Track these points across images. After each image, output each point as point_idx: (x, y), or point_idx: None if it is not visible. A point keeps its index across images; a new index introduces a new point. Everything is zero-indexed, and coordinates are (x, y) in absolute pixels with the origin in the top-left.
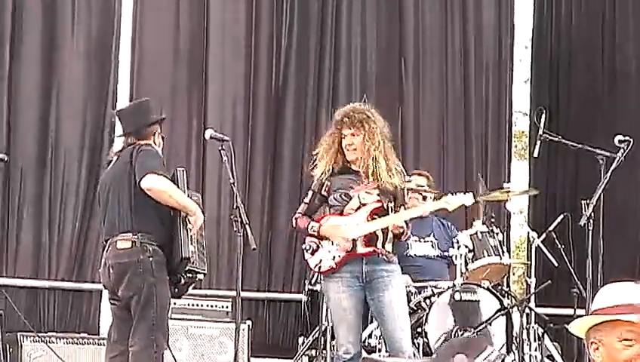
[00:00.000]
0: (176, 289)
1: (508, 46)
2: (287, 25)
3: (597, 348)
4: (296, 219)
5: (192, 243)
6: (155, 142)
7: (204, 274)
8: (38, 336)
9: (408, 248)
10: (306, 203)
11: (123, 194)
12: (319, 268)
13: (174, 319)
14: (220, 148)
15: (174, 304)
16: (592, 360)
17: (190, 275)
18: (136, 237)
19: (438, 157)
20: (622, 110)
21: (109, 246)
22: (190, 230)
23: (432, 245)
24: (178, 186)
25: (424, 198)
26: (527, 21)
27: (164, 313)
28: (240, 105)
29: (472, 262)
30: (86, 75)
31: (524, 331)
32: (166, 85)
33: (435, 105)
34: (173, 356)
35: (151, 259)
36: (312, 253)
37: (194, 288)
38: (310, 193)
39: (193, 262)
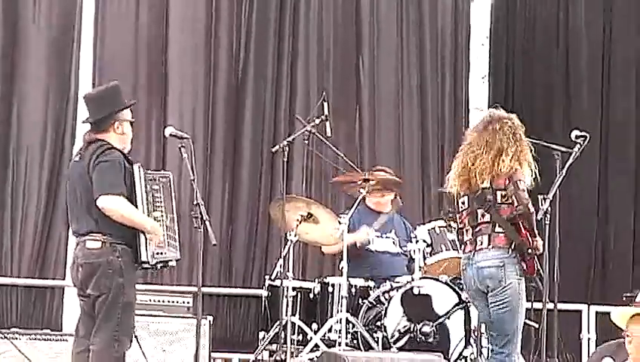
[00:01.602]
0: (152, 272)
1: (464, 43)
2: (246, 25)
3: (630, 341)
4: None
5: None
6: (115, 131)
7: (178, 260)
8: (1, 333)
9: (370, 243)
10: None
11: (88, 197)
12: None
13: (136, 314)
14: (179, 145)
15: (137, 300)
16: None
17: (162, 265)
18: (105, 237)
19: (395, 154)
20: (577, 106)
21: (77, 245)
22: (149, 241)
23: (394, 242)
24: (135, 183)
25: (383, 195)
26: (484, 18)
27: (129, 313)
28: (199, 103)
29: (430, 256)
30: (47, 75)
31: (482, 324)
32: (126, 84)
33: (392, 102)
34: (143, 352)
35: (120, 259)
36: None
37: (155, 284)
38: None
39: (161, 253)
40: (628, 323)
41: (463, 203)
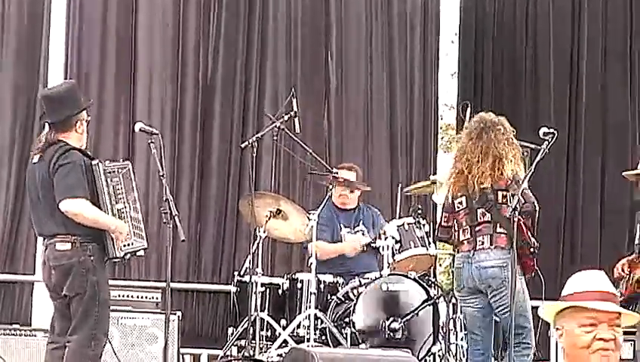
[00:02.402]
0: (122, 263)
1: (434, 40)
2: (215, 21)
3: (561, 335)
4: None
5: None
6: (77, 131)
7: (145, 249)
8: None
9: (342, 240)
10: None
11: (51, 200)
12: None
13: None
14: (149, 141)
15: None
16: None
17: (129, 256)
18: (75, 238)
19: (363, 150)
20: (545, 103)
21: (47, 247)
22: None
23: (363, 233)
24: (95, 180)
25: (352, 191)
26: (454, 15)
27: (105, 309)
28: (168, 98)
29: (399, 252)
30: (16, 70)
31: (451, 321)
32: (94, 79)
33: (361, 98)
34: (113, 349)
35: (92, 258)
36: None
37: (124, 279)
38: None
39: (129, 244)
40: (558, 317)
41: (460, 203)
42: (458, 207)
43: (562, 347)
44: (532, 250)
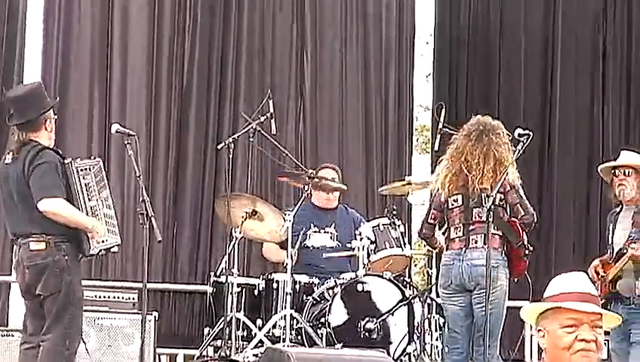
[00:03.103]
0: (95, 258)
1: (409, 41)
2: (191, 22)
3: (543, 336)
4: None
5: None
6: (46, 129)
7: (119, 245)
8: None
9: (307, 239)
10: None
11: (27, 199)
12: None
13: None
14: (125, 142)
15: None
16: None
17: (103, 252)
18: (49, 237)
19: (338, 151)
20: (521, 104)
21: (20, 247)
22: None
23: (331, 236)
24: (69, 179)
25: (331, 191)
26: (429, 16)
27: (79, 310)
28: (143, 100)
29: (375, 253)
30: None
31: (426, 321)
32: (70, 81)
33: (335, 99)
34: (86, 348)
35: (66, 257)
36: None
37: (101, 279)
38: None
39: (103, 241)
40: (540, 319)
41: (456, 200)
42: (452, 205)
43: (544, 348)
44: (526, 252)
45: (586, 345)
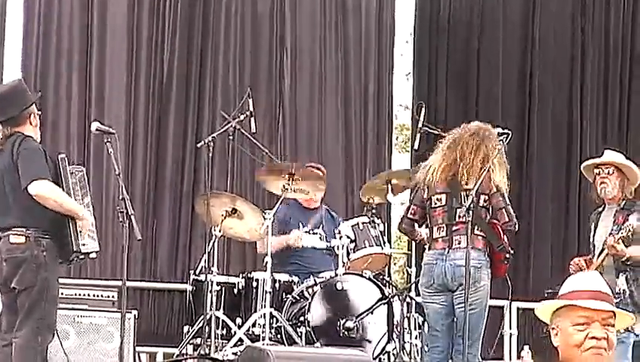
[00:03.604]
0: (70, 264)
1: (389, 40)
2: (170, 21)
3: (556, 334)
4: None
5: (81, 235)
6: (31, 124)
7: (97, 252)
8: None
9: (300, 242)
10: None
11: (13, 190)
12: None
13: (60, 308)
14: (106, 140)
15: (61, 294)
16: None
17: (82, 257)
18: (29, 232)
19: (318, 150)
20: (501, 103)
21: (0, 239)
22: (80, 228)
23: (321, 237)
24: (60, 173)
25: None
26: (409, 15)
27: (53, 307)
28: (122, 98)
29: (354, 252)
30: None
31: (405, 320)
32: (49, 79)
33: (315, 98)
34: (63, 348)
35: (44, 253)
36: None
37: (80, 278)
38: None
39: (85, 245)
40: (553, 316)
41: (439, 200)
42: (436, 204)
43: (557, 346)
44: (507, 256)
45: (597, 342)
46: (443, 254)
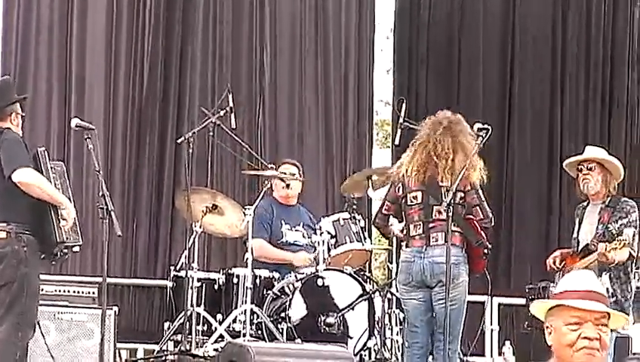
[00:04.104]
0: (53, 262)
1: (369, 36)
2: (152, 15)
3: (550, 333)
4: None
5: (64, 226)
6: (12, 122)
7: (80, 246)
8: None
9: (283, 236)
10: None
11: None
12: None
13: (41, 305)
14: (85, 137)
15: (41, 290)
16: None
17: (65, 251)
18: (10, 227)
19: (298, 147)
20: (481, 98)
21: None
22: (63, 218)
23: (303, 235)
24: (41, 166)
25: (287, 186)
26: (389, 11)
27: (33, 302)
28: (102, 94)
29: (335, 248)
30: None
31: (386, 316)
32: (28, 75)
33: (295, 94)
34: (46, 343)
35: (25, 249)
36: None
37: (60, 274)
38: None
39: (68, 239)
40: (547, 315)
41: (415, 197)
42: (412, 201)
43: (551, 344)
44: (485, 251)
45: (589, 343)
46: (421, 251)
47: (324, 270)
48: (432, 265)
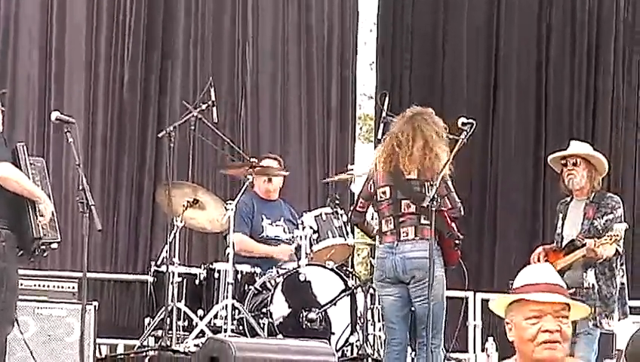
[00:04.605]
0: (32, 259)
1: (352, 29)
2: (134, 7)
3: (510, 329)
4: None
5: (42, 221)
6: None
7: (58, 242)
8: None
9: (263, 231)
10: None
11: None
12: None
13: (20, 300)
14: (65, 130)
15: (21, 285)
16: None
17: (44, 247)
18: None
19: (280, 141)
20: (464, 92)
21: None
22: (41, 214)
23: (284, 229)
24: (20, 161)
25: (269, 180)
26: (372, 4)
27: (12, 297)
28: (82, 86)
29: (317, 243)
30: None
31: (369, 311)
32: (7, 67)
33: (278, 88)
34: (25, 341)
35: (3, 243)
36: None
37: (40, 269)
38: None
39: (45, 235)
40: (507, 311)
41: (384, 193)
42: (381, 197)
43: (512, 340)
44: (457, 242)
45: (550, 336)
46: (392, 247)
47: (306, 265)
48: (404, 261)
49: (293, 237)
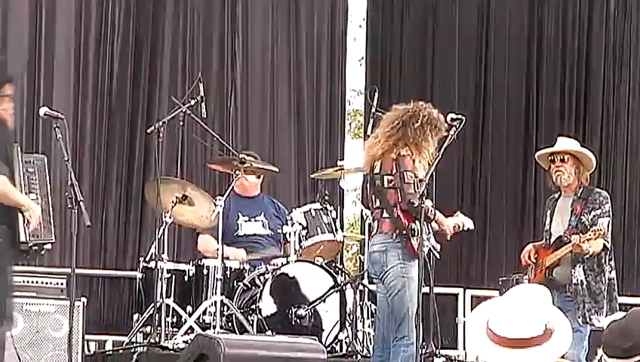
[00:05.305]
0: (28, 256)
1: (342, 25)
2: (122, 3)
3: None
4: None
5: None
6: None
7: (52, 243)
8: None
9: (238, 229)
10: None
11: None
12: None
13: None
14: (54, 125)
15: None
16: None
17: (36, 248)
18: None
19: (269, 136)
20: (454, 88)
21: None
22: (28, 221)
23: (263, 224)
24: (14, 164)
25: (258, 177)
26: (362, 0)
27: (2, 297)
28: (70, 81)
29: (306, 239)
30: None
31: (358, 308)
32: None
33: (267, 83)
34: (12, 335)
35: (0, 240)
36: None
37: (28, 265)
38: None
39: (38, 236)
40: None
41: (367, 188)
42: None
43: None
44: (413, 234)
45: None
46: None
47: (296, 261)
48: (370, 255)
49: (276, 233)
